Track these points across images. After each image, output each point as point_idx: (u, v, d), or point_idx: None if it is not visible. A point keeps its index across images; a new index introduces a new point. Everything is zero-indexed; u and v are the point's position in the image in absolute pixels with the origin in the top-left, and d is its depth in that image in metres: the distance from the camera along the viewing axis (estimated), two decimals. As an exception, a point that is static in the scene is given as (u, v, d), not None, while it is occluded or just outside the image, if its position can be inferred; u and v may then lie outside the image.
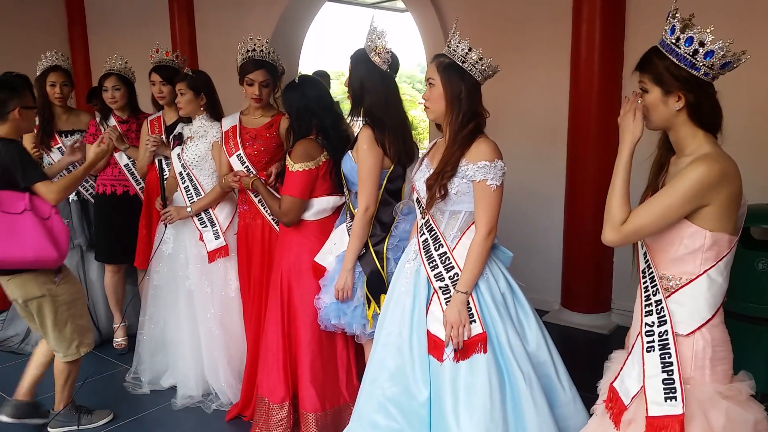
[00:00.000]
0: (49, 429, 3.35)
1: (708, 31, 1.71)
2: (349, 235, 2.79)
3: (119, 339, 4.41)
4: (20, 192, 2.97)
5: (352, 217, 2.77)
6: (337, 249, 2.86)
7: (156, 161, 3.87)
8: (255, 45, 3.28)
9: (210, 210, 3.58)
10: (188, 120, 3.67)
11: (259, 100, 3.32)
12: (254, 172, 3.32)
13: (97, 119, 4.24)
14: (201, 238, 3.58)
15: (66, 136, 4.31)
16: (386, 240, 2.74)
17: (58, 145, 4.28)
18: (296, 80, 3.01)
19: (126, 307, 4.40)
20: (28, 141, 4.05)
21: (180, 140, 3.65)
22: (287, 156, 2.96)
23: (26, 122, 3.11)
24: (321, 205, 3.01)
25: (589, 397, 2.07)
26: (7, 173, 2.96)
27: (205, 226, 3.57)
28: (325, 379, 3.06)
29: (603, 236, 1.84)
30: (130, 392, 3.77)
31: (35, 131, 4.15)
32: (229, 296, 3.60)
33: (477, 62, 2.26)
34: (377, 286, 2.70)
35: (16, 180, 2.97)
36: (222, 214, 3.59)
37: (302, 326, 3.03)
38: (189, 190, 3.60)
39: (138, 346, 3.90)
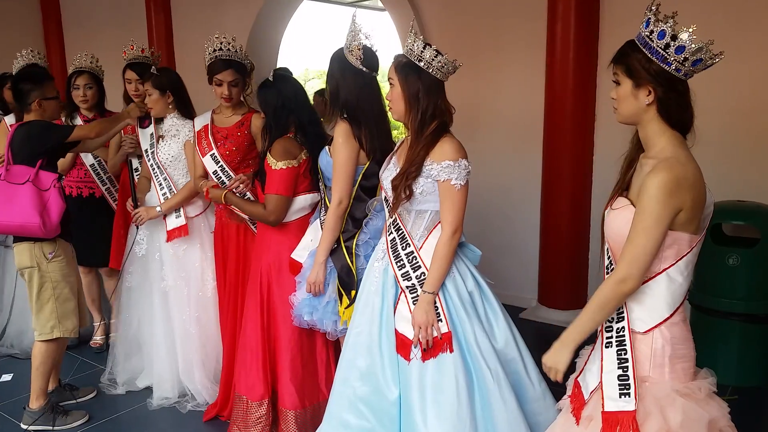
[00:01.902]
0: (22, 425, 3.34)
1: (690, 30, 1.70)
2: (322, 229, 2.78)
3: (97, 337, 4.37)
4: (30, 167, 3.18)
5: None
6: (314, 245, 2.85)
7: (127, 161, 3.84)
8: (222, 44, 3.25)
9: None
10: (160, 120, 3.63)
11: (229, 99, 3.30)
12: (228, 171, 3.30)
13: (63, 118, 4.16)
14: (164, 219, 3.53)
15: None
16: (356, 235, 2.74)
17: None
18: (271, 78, 2.98)
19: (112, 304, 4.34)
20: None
21: (148, 120, 3.60)
22: (268, 155, 2.92)
23: (48, 112, 3.34)
24: (300, 203, 3.00)
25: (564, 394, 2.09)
26: (28, 147, 3.21)
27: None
28: (305, 376, 3.06)
29: (630, 290, 1.79)
30: (106, 393, 3.74)
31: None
32: (207, 296, 3.58)
33: (433, 59, 2.24)
34: (348, 282, 2.70)
35: (37, 152, 3.20)
36: (191, 205, 3.57)
37: (282, 324, 3.02)
38: (164, 190, 3.56)
39: (112, 347, 3.87)
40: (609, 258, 1.90)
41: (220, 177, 3.31)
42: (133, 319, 3.75)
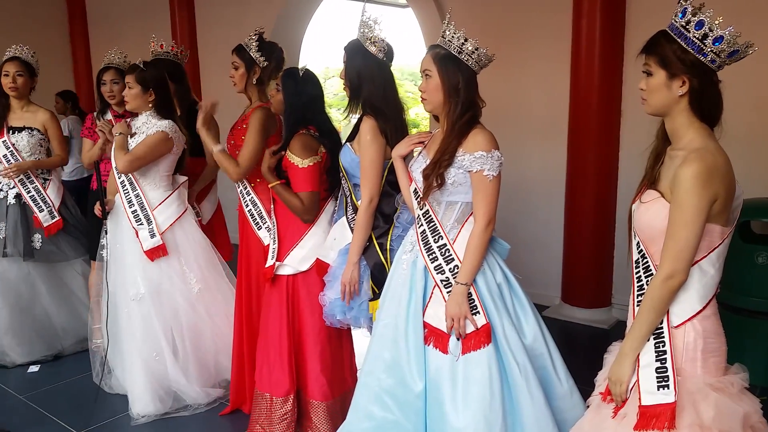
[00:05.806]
0: None
1: (716, 22, 1.70)
2: (351, 228, 2.76)
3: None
4: None
5: (355, 209, 2.74)
6: (338, 244, 2.83)
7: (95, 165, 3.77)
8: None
9: (147, 208, 3.45)
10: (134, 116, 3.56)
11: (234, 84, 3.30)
12: None
13: (95, 113, 4.14)
14: (137, 236, 3.42)
15: (14, 133, 4.13)
16: (390, 231, 2.71)
17: (2, 139, 4.11)
18: (301, 73, 2.92)
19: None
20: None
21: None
22: (290, 155, 2.85)
23: None
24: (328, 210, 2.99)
25: (589, 392, 2.06)
26: None
27: (140, 224, 3.43)
28: (334, 366, 3.05)
29: (679, 285, 1.76)
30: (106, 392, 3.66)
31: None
32: (190, 301, 3.48)
33: (473, 52, 2.25)
34: (382, 279, 2.65)
35: None
36: (162, 216, 3.46)
37: (309, 316, 2.99)
38: (128, 193, 3.46)
39: (94, 354, 3.76)
40: (640, 252, 1.87)
41: None
42: (104, 329, 3.57)
